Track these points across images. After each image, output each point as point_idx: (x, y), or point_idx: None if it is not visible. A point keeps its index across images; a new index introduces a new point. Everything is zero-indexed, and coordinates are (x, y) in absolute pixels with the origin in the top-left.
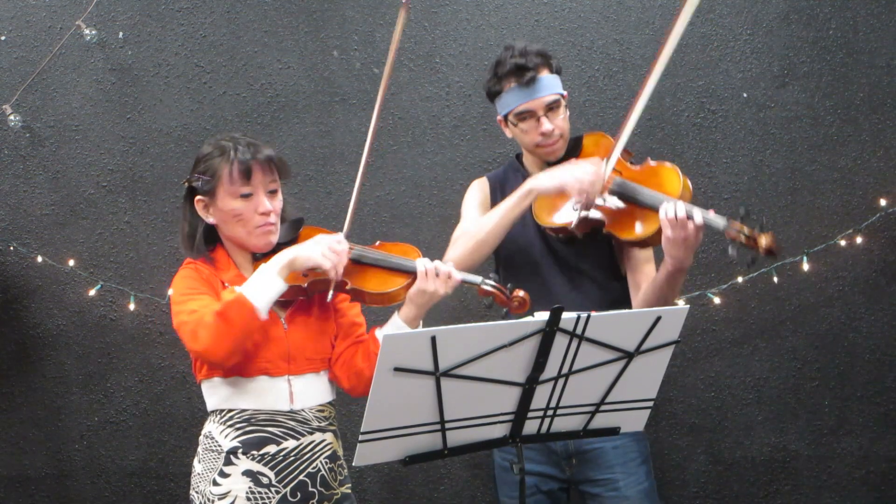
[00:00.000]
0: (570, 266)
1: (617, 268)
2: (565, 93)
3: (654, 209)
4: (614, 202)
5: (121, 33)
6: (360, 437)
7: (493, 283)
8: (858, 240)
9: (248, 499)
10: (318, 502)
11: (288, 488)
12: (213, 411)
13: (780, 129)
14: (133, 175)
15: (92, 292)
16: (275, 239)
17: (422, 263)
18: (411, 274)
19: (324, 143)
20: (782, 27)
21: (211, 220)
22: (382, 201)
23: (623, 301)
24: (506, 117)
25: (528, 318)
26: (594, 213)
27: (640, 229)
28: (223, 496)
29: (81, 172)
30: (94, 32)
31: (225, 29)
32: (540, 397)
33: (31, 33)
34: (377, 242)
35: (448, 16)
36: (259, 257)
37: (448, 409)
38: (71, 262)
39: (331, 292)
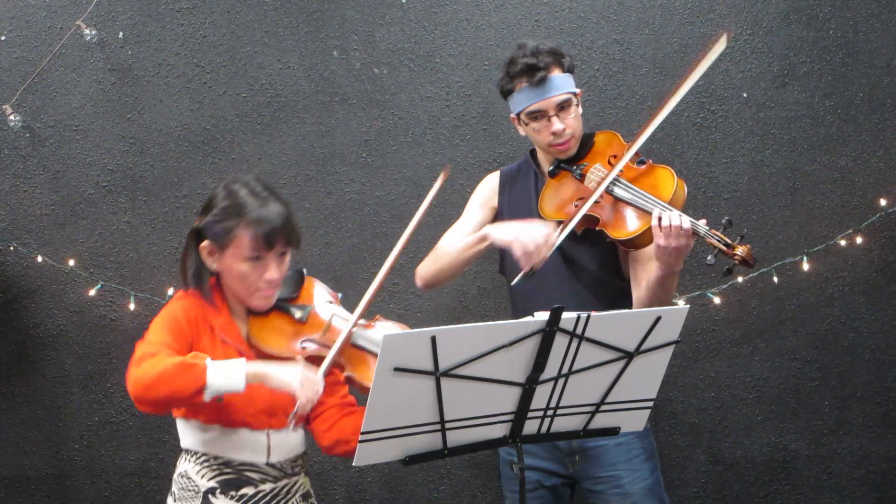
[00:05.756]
0: (570, 260)
1: (618, 267)
2: (578, 91)
3: (647, 212)
4: (609, 201)
5: (121, 33)
6: (361, 437)
7: None
8: (858, 240)
9: None
10: None
11: None
12: (188, 450)
13: (780, 129)
14: (133, 175)
15: (92, 292)
16: (273, 301)
17: None
18: None
19: (324, 143)
20: (782, 27)
21: (214, 266)
22: (382, 201)
23: (621, 299)
24: (518, 116)
25: (528, 318)
26: (589, 210)
27: (631, 229)
28: None
29: (81, 172)
30: (94, 32)
31: (225, 29)
32: (540, 397)
33: (31, 33)
34: (376, 317)
35: (448, 16)
36: (255, 313)
37: (448, 409)
38: (71, 262)
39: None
